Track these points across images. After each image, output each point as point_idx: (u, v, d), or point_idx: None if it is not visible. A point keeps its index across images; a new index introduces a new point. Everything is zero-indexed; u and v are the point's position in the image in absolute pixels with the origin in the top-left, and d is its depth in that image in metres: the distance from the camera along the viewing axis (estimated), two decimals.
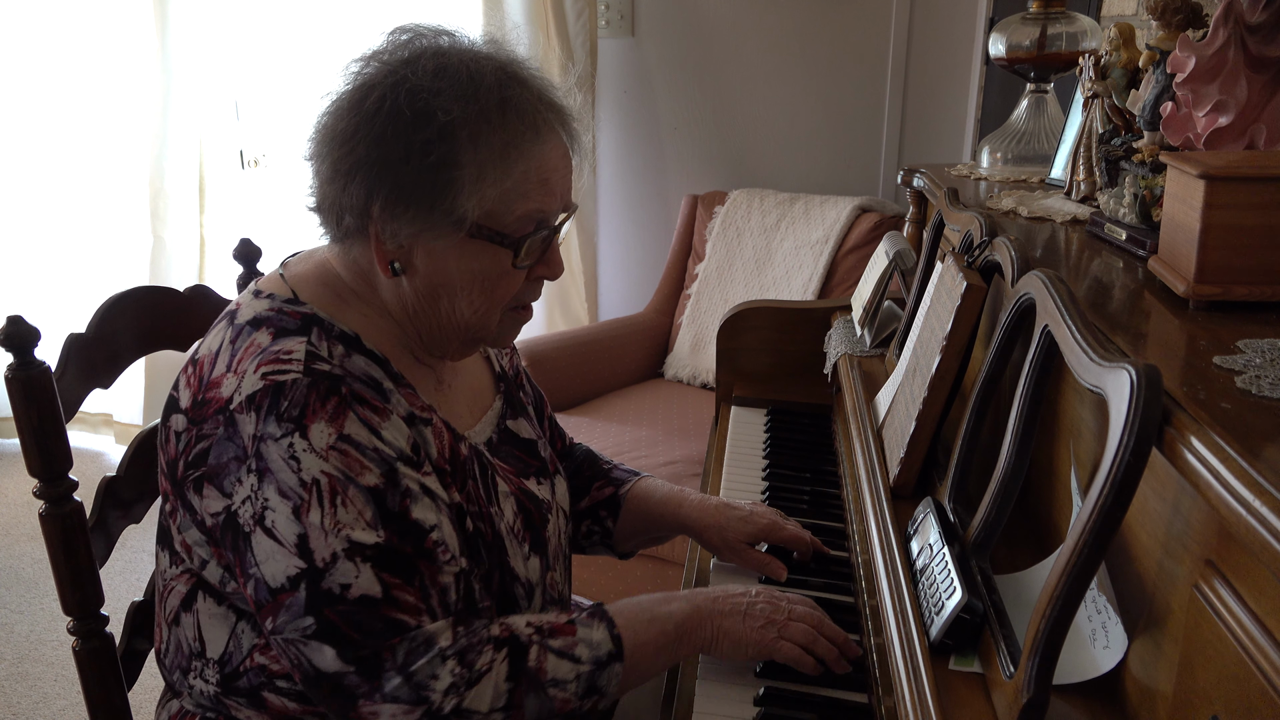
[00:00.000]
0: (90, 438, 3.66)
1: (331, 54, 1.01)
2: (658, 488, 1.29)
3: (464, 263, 0.96)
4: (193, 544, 0.97)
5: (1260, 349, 0.78)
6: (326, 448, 0.89)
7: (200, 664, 1.01)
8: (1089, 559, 0.66)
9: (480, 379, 1.17)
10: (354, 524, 0.88)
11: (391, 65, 0.93)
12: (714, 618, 1.02)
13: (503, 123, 0.93)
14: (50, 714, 2.24)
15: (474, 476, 1.03)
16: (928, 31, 3.00)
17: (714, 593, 1.05)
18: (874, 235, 2.75)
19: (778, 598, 1.05)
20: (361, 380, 0.94)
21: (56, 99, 3.42)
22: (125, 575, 2.73)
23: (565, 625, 0.97)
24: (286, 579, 0.88)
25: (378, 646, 0.88)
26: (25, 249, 3.55)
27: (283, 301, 0.98)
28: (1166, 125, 1.10)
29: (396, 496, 0.91)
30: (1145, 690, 0.72)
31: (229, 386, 0.92)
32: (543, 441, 1.20)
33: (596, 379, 2.88)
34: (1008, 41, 1.88)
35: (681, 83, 3.23)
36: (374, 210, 0.93)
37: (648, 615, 1.01)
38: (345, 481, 0.89)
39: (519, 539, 1.06)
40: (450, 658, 0.89)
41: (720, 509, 1.23)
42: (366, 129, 0.91)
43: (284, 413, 0.89)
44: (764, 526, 1.22)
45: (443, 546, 0.94)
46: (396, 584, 0.89)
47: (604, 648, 0.96)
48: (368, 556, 0.88)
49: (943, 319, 1.10)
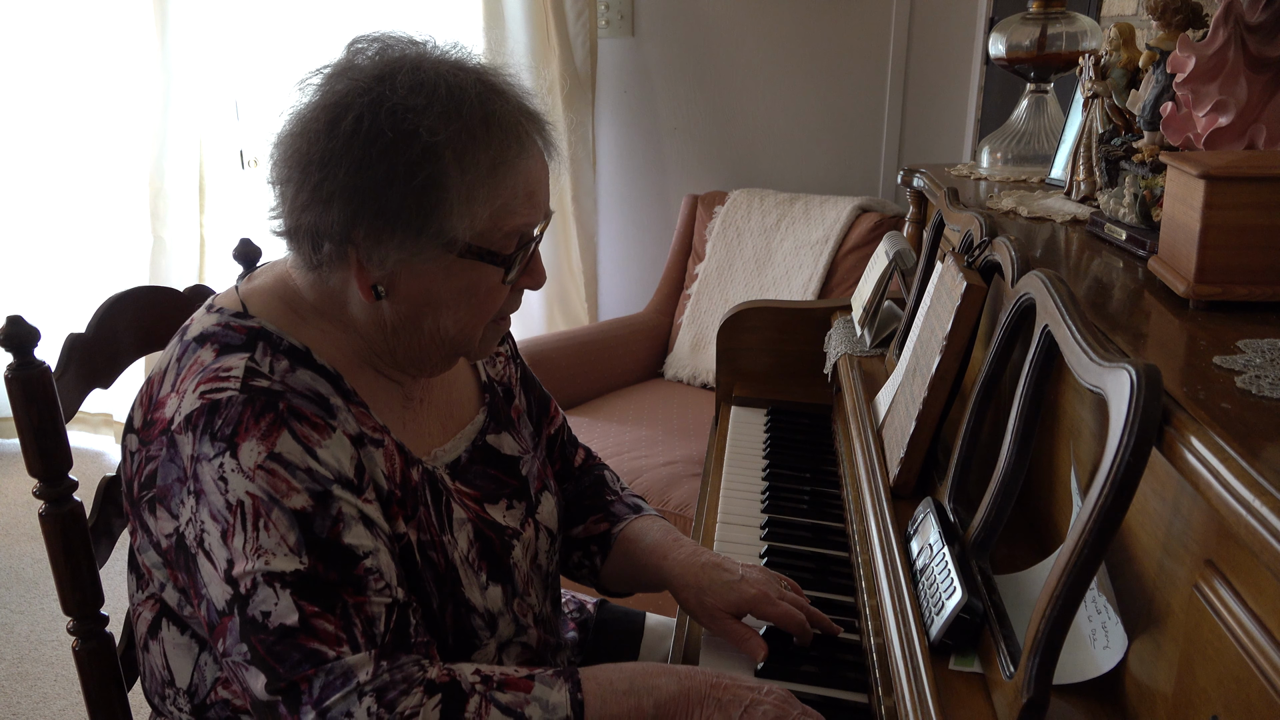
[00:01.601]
0: (90, 438, 3.66)
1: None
2: (648, 532, 1.17)
3: (451, 282, 0.93)
4: (151, 566, 0.95)
5: (1260, 349, 0.78)
6: (254, 467, 0.85)
7: (172, 692, 0.99)
8: (1089, 559, 0.66)
9: (463, 390, 1.13)
10: (275, 550, 0.84)
11: (364, 82, 0.88)
12: (705, 705, 0.90)
13: (487, 140, 0.89)
14: (50, 714, 2.24)
15: (425, 503, 0.98)
16: (928, 31, 3.00)
17: (716, 678, 0.92)
18: (874, 235, 2.75)
19: (790, 704, 0.91)
20: (304, 396, 0.90)
21: (57, 99, 3.42)
22: (125, 575, 2.73)
23: (521, 680, 0.89)
24: (225, 603, 0.85)
25: (294, 677, 0.83)
26: (25, 249, 3.55)
27: (231, 315, 0.95)
28: (1166, 125, 1.10)
29: (326, 521, 0.86)
30: (1145, 690, 0.72)
31: (171, 406, 0.90)
32: (528, 457, 1.14)
33: (596, 379, 2.89)
34: (1008, 41, 1.88)
35: (681, 83, 3.23)
36: (357, 236, 0.89)
37: (625, 685, 0.90)
38: (270, 503, 0.85)
39: (475, 568, 1.00)
40: (368, 694, 0.82)
41: (705, 569, 1.09)
42: (345, 152, 0.87)
43: (217, 431, 0.86)
44: (751, 598, 1.06)
45: (376, 574, 0.87)
46: (315, 612, 0.84)
47: (559, 712, 0.87)
48: (286, 583, 0.84)
49: (943, 319, 1.10)
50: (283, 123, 0.93)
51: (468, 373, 1.15)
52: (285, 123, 0.93)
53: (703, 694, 0.91)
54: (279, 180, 0.92)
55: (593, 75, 3.18)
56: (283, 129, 0.93)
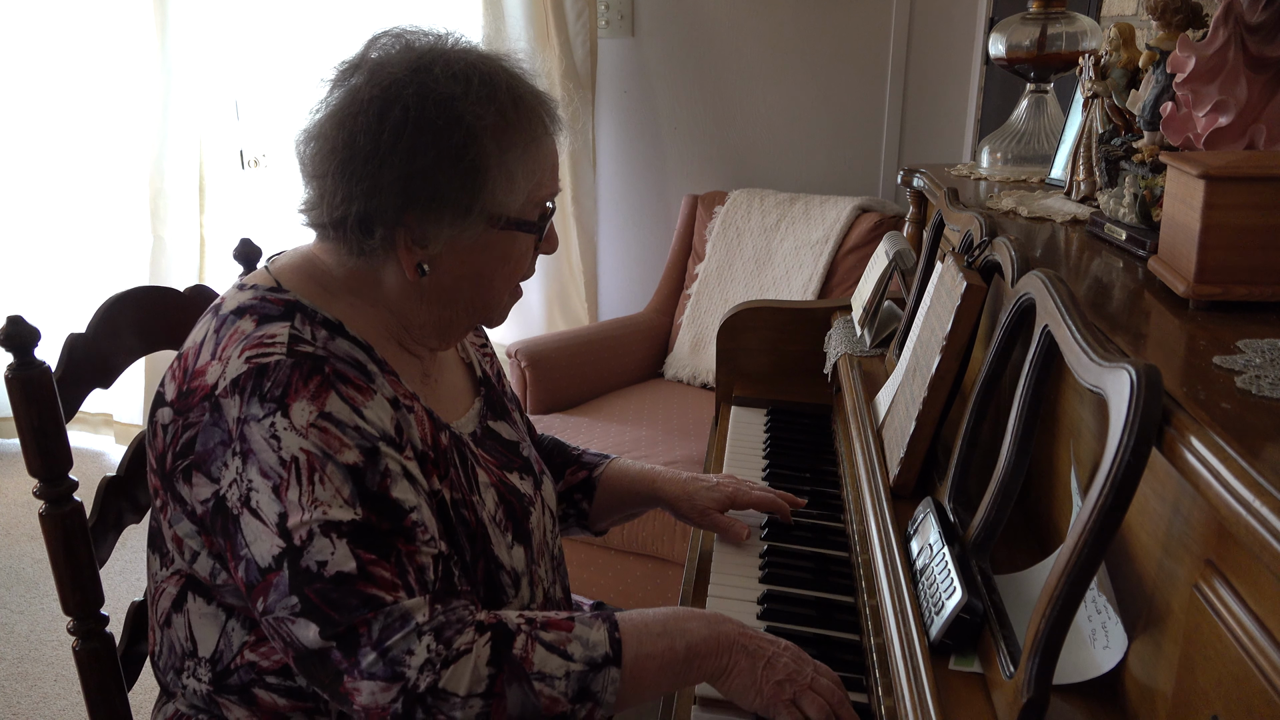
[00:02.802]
0: (90, 438, 3.66)
1: (332, 54, 1.00)
2: (630, 467, 1.35)
3: (489, 253, 1.01)
4: (184, 536, 0.97)
5: (1260, 349, 0.78)
6: (307, 425, 0.89)
7: (192, 663, 1.01)
8: (1089, 559, 0.66)
9: (460, 383, 1.18)
10: (331, 501, 0.88)
11: (403, 75, 0.94)
12: (733, 651, 0.97)
13: (518, 121, 0.97)
14: (50, 714, 2.24)
15: (455, 465, 1.03)
16: (928, 31, 3.00)
17: (742, 628, 1.00)
18: (874, 235, 2.75)
19: (804, 660, 0.99)
20: (346, 361, 0.95)
21: (57, 99, 3.42)
22: (125, 575, 2.73)
23: (562, 620, 0.95)
24: (272, 559, 0.89)
25: (353, 621, 0.87)
26: (25, 249, 3.56)
27: (266, 290, 1.00)
28: (1166, 125, 1.10)
29: (376, 475, 0.91)
30: (1145, 690, 0.72)
31: (214, 373, 0.93)
32: (526, 444, 1.20)
33: (596, 379, 2.89)
34: (1008, 41, 1.88)
35: (681, 83, 3.23)
36: (409, 220, 0.95)
37: (659, 628, 0.97)
38: (324, 459, 0.89)
39: (501, 528, 1.06)
40: (426, 633, 0.88)
41: (689, 480, 1.32)
42: (396, 141, 0.92)
43: (267, 393, 0.90)
44: (730, 493, 1.31)
45: (422, 527, 0.93)
46: (372, 559, 0.88)
47: (600, 649, 0.93)
48: (343, 533, 0.88)
49: (943, 319, 1.10)
50: (312, 119, 0.97)
51: (461, 368, 1.19)
52: (317, 119, 0.97)
53: (732, 639, 0.98)
54: (319, 175, 0.96)
55: (593, 75, 3.18)
56: (315, 125, 0.97)
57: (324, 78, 0.98)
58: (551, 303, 3.33)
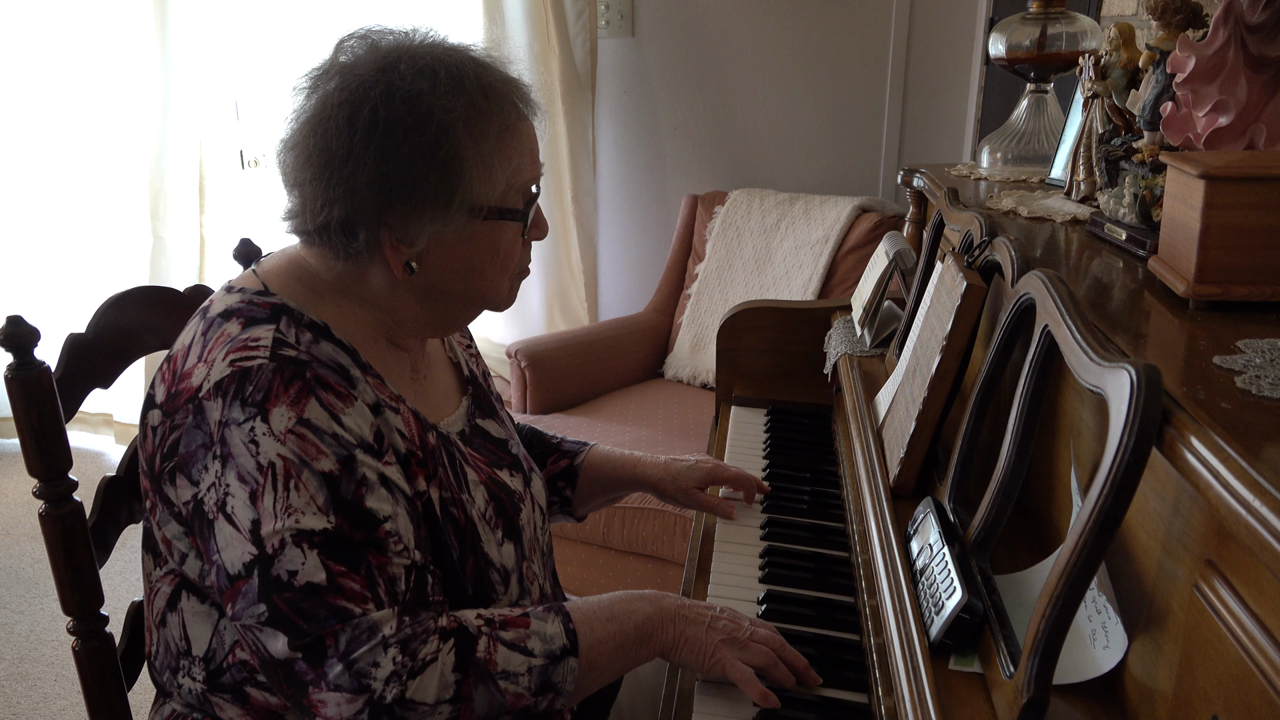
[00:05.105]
0: (90, 438, 3.66)
1: (321, 55, 1.01)
2: (610, 453, 1.39)
3: (476, 244, 1.00)
4: (172, 538, 0.98)
5: (1260, 349, 0.78)
6: (285, 431, 0.89)
7: (187, 662, 1.02)
8: (1089, 559, 0.66)
9: (448, 382, 1.18)
10: (305, 509, 0.89)
11: (370, 75, 0.94)
12: (677, 622, 1.02)
13: (489, 109, 0.96)
14: (50, 714, 2.24)
15: (444, 464, 1.03)
16: (928, 31, 3.00)
17: (680, 601, 1.05)
18: (874, 235, 2.75)
19: (739, 617, 1.04)
20: (328, 366, 0.95)
21: (57, 99, 3.42)
22: (125, 575, 2.73)
23: (518, 618, 0.97)
24: (243, 565, 0.89)
25: (320, 632, 0.87)
26: (25, 249, 3.55)
27: (253, 294, 1.00)
28: (1166, 125, 1.10)
29: (351, 484, 0.91)
30: (1145, 690, 0.72)
31: (199, 376, 0.93)
32: (515, 442, 1.21)
33: (596, 379, 2.89)
34: (1008, 41, 1.88)
35: (681, 83, 3.23)
36: (390, 220, 0.95)
37: (607, 613, 1.00)
38: (300, 466, 0.89)
39: (491, 525, 1.06)
40: (392, 646, 0.88)
41: (669, 463, 1.38)
42: (368, 143, 0.92)
43: (248, 397, 0.90)
44: (709, 470, 1.38)
45: (395, 538, 0.93)
46: (342, 571, 0.89)
47: (557, 641, 0.96)
48: (315, 543, 0.88)
49: (943, 319, 1.10)
50: (288, 128, 0.98)
51: (448, 367, 1.19)
52: (292, 127, 0.97)
53: (674, 613, 1.03)
54: (298, 183, 0.97)
55: (593, 75, 3.18)
56: (291, 134, 0.98)
57: (297, 86, 0.98)
58: (551, 303, 3.33)
